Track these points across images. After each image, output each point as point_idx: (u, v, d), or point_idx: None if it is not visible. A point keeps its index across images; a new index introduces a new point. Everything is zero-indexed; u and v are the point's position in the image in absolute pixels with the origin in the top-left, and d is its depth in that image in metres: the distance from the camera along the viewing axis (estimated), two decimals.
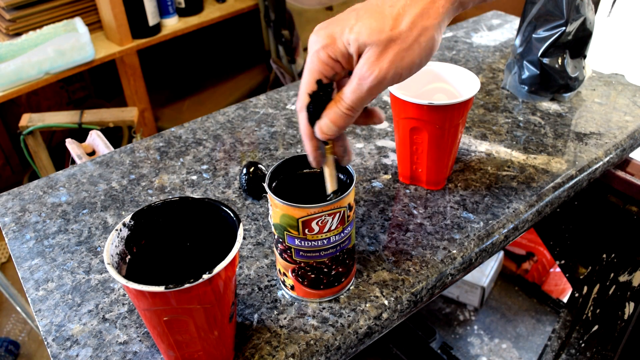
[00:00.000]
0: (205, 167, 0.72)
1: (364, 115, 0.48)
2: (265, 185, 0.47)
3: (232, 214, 0.44)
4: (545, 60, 0.78)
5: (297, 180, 0.50)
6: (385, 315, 0.51)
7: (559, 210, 0.99)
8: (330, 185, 0.47)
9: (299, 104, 0.45)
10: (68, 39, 1.57)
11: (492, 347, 1.39)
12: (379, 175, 0.68)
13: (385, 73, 0.41)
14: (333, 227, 0.46)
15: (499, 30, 1.08)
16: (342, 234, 0.47)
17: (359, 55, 0.42)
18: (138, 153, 0.75)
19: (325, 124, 0.44)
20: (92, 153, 0.90)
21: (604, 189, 0.90)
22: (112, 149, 0.83)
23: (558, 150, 0.72)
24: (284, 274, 0.51)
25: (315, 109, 0.44)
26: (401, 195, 0.65)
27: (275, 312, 0.51)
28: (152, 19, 1.77)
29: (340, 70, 0.44)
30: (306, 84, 0.44)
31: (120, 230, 0.44)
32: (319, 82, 0.43)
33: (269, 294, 0.53)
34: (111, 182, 0.69)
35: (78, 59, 1.60)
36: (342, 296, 0.52)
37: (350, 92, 0.43)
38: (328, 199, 0.47)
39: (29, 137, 1.47)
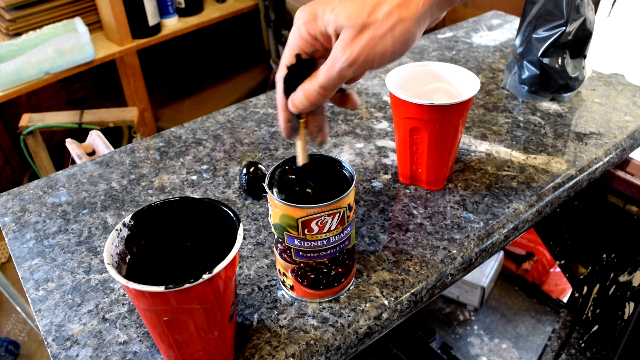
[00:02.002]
0: (205, 167, 0.72)
1: (339, 98, 0.49)
2: (265, 185, 0.47)
3: (232, 214, 0.44)
4: (545, 60, 0.78)
5: (297, 181, 0.50)
6: (385, 315, 0.51)
7: (559, 210, 0.99)
8: (300, 158, 0.48)
9: (278, 74, 0.47)
10: (68, 39, 1.57)
11: (492, 347, 1.39)
12: (379, 175, 0.68)
13: (356, 57, 0.42)
14: (333, 228, 0.46)
15: (499, 30, 1.08)
16: (341, 235, 0.47)
17: (337, 37, 0.43)
18: (138, 153, 0.75)
19: (298, 97, 0.45)
20: (92, 153, 0.90)
21: (604, 189, 0.90)
22: (112, 149, 0.83)
23: (558, 150, 0.72)
24: (284, 274, 0.51)
25: (291, 82, 0.45)
26: (401, 195, 0.65)
27: (275, 312, 0.51)
28: (152, 19, 1.77)
29: (319, 48, 0.45)
30: (286, 57, 0.46)
31: (120, 230, 0.44)
32: (297, 56, 0.45)
33: (269, 294, 0.53)
34: (111, 182, 0.69)
35: (78, 59, 1.60)
36: (342, 296, 0.52)
37: (324, 71, 0.44)
38: (294, 167, 0.48)
39: (29, 137, 1.47)
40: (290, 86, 0.46)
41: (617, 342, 0.96)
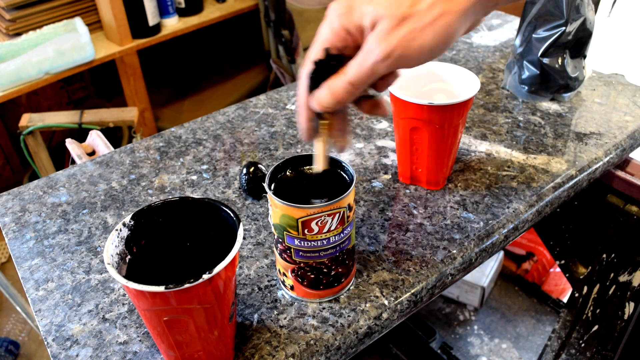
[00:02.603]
0: (205, 167, 0.72)
1: (369, 103, 0.45)
2: (265, 185, 0.47)
3: (232, 214, 0.44)
4: (545, 60, 0.78)
5: (297, 181, 0.50)
6: (385, 315, 0.51)
7: (559, 210, 0.99)
8: (318, 164, 0.45)
9: (302, 70, 0.43)
10: (68, 39, 1.57)
11: (492, 347, 1.39)
12: (379, 175, 0.68)
13: (392, 49, 0.39)
14: (333, 228, 0.46)
15: (499, 30, 1.08)
16: (341, 235, 0.47)
17: (373, 28, 0.40)
18: (138, 153, 0.75)
19: (323, 94, 0.42)
20: (92, 153, 0.90)
21: (604, 189, 0.90)
22: (112, 149, 0.83)
23: (558, 150, 0.72)
24: (284, 274, 0.51)
25: (317, 78, 0.42)
26: (401, 195, 0.65)
27: (275, 312, 0.51)
28: (152, 19, 1.77)
29: (351, 44, 0.41)
30: (314, 52, 0.42)
31: (120, 230, 0.44)
32: (327, 50, 0.41)
33: (269, 294, 0.53)
34: (111, 182, 0.69)
35: (78, 59, 1.60)
36: (342, 296, 0.52)
37: (354, 65, 0.41)
38: (312, 173, 0.45)
39: (29, 137, 1.47)
40: (315, 83, 0.42)
41: (617, 342, 0.96)
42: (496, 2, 0.41)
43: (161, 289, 0.37)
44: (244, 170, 0.65)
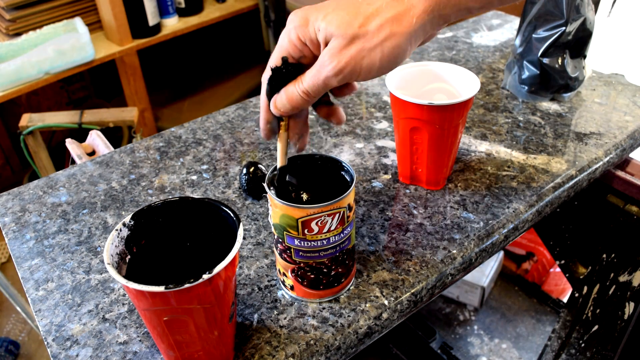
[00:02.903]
0: (205, 167, 0.72)
1: (325, 110, 0.49)
2: (265, 185, 0.47)
3: (232, 214, 0.44)
4: (545, 60, 0.78)
5: (297, 181, 0.50)
6: (385, 315, 0.51)
7: (559, 210, 0.99)
8: (279, 160, 0.48)
9: (264, 75, 0.46)
10: (68, 39, 1.57)
11: (492, 347, 1.39)
12: (379, 175, 0.68)
13: (343, 66, 0.42)
14: (332, 228, 0.46)
15: (499, 30, 1.08)
16: (341, 235, 0.47)
17: (326, 44, 0.43)
18: (138, 153, 0.75)
19: (280, 99, 0.45)
20: (92, 153, 0.90)
21: (604, 189, 0.90)
22: (112, 149, 0.83)
23: (558, 150, 0.72)
24: (284, 274, 0.51)
25: (275, 84, 0.45)
26: (401, 195, 0.65)
27: (275, 312, 0.51)
28: (152, 19, 1.77)
29: (307, 54, 0.45)
30: (273, 59, 0.45)
31: (120, 230, 0.44)
32: (284, 59, 0.45)
33: (269, 294, 0.53)
34: (111, 182, 0.69)
35: (78, 59, 1.60)
36: (342, 296, 0.52)
37: (309, 77, 0.43)
38: (274, 173, 0.48)
39: (29, 137, 1.47)
40: (274, 88, 0.46)
41: (617, 342, 0.96)
42: (446, 19, 0.43)
43: (161, 289, 0.37)
44: (244, 170, 0.65)
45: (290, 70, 0.45)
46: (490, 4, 0.45)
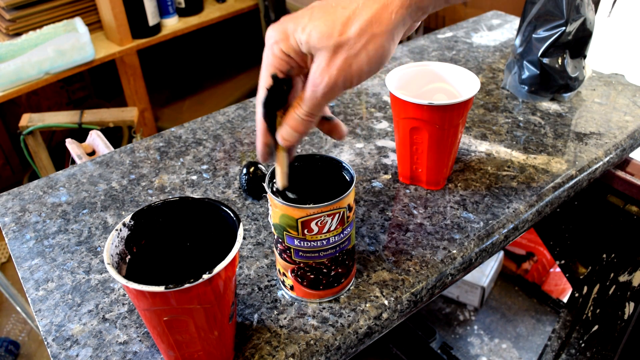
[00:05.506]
0: (205, 167, 0.72)
1: (327, 125, 0.48)
2: (265, 185, 0.47)
3: (232, 214, 0.44)
4: (545, 60, 0.78)
5: (297, 181, 0.50)
6: (385, 315, 0.51)
7: (559, 210, 0.99)
8: (279, 183, 0.47)
9: (257, 98, 0.45)
10: (68, 39, 1.57)
11: (492, 347, 1.39)
12: (379, 175, 0.68)
13: (335, 80, 0.41)
14: (332, 228, 0.46)
15: (499, 30, 1.08)
16: (341, 235, 0.47)
17: (312, 57, 0.42)
18: (138, 153, 0.75)
19: (286, 131, 0.45)
20: (92, 153, 0.90)
21: (604, 189, 0.90)
22: (112, 149, 0.83)
23: (558, 150, 0.72)
24: (284, 274, 0.51)
25: (271, 104, 0.44)
26: (401, 195, 0.65)
27: (275, 312, 0.51)
28: (152, 19, 1.77)
29: (295, 65, 0.44)
30: (263, 78, 0.45)
31: (120, 230, 0.44)
32: (274, 77, 0.44)
33: (269, 294, 0.53)
34: (111, 182, 0.69)
35: (78, 59, 1.60)
36: (342, 296, 0.52)
37: (307, 99, 0.43)
38: (274, 191, 0.47)
39: (29, 137, 1.47)
40: (270, 109, 0.45)
41: (617, 342, 0.96)
42: (425, 11, 0.43)
43: (161, 289, 0.37)
44: (244, 170, 0.65)
45: (284, 86, 0.44)
46: None
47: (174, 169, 0.71)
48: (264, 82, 0.44)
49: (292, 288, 0.51)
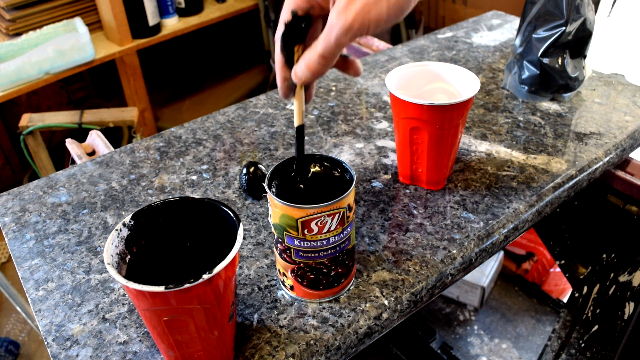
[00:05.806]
0: (205, 167, 0.72)
1: (342, 63, 0.49)
2: (265, 185, 0.47)
3: (232, 214, 0.44)
4: (545, 60, 0.78)
5: (297, 181, 0.50)
6: (385, 315, 0.51)
7: (559, 210, 0.99)
8: (297, 120, 0.48)
9: (277, 33, 0.47)
10: (68, 39, 1.57)
11: (492, 347, 1.39)
12: (379, 175, 0.68)
13: (351, 23, 0.42)
14: (332, 228, 0.46)
15: (499, 30, 1.08)
16: (341, 235, 0.47)
17: (333, 3, 0.43)
18: (138, 153, 0.75)
19: (300, 69, 0.46)
20: (92, 153, 0.90)
21: (604, 189, 0.90)
22: (112, 149, 0.83)
23: (558, 150, 0.72)
24: (284, 274, 0.51)
25: (288, 40, 0.46)
26: (401, 195, 0.65)
27: (275, 312, 0.51)
28: (152, 19, 1.77)
29: (315, 5, 0.45)
30: (284, 13, 0.46)
31: (120, 230, 0.44)
32: (293, 13, 0.45)
33: (269, 294, 0.53)
34: (111, 182, 0.69)
35: (78, 59, 1.60)
36: (342, 296, 0.52)
37: (321, 40, 0.44)
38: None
39: (29, 137, 1.47)
40: (287, 44, 0.46)
41: (617, 342, 0.96)
42: None
43: (161, 289, 0.37)
44: (244, 170, 0.65)
45: (302, 24, 0.45)
46: None
47: (174, 169, 0.71)
48: (284, 16, 0.45)
49: (292, 288, 0.51)
